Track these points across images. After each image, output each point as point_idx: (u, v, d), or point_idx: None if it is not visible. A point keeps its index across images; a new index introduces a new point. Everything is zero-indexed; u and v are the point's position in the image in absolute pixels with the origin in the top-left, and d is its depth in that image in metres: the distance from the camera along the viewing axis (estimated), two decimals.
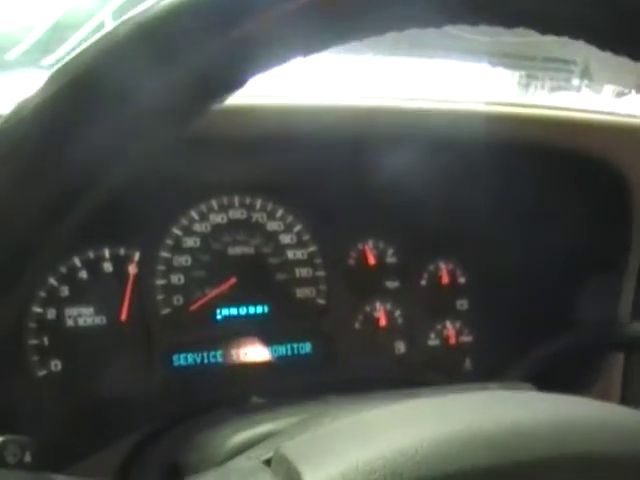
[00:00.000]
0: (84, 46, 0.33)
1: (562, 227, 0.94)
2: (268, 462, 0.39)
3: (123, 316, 0.85)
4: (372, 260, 0.96)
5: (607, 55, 0.40)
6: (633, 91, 1.25)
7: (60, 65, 0.33)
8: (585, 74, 1.37)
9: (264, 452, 0.41)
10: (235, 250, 0.91)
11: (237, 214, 0.91)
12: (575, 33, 0.38)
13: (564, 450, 0.37)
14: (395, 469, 0.34)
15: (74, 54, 0.33)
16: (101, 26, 1.06)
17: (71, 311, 0.84)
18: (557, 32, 0.39)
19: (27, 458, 0.42)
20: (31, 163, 0.31)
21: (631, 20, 0.38)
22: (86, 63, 0.32)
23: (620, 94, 1.27)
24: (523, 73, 1.30)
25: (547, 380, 0.84)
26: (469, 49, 1.24)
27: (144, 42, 0.32)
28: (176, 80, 0.33)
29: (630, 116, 0.95)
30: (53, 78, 0.33)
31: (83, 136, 0.32)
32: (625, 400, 0.93)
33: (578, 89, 1.35)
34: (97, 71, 0.32)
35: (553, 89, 1.32)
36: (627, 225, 0.92)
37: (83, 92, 0.32)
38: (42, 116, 0.32)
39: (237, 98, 0.36)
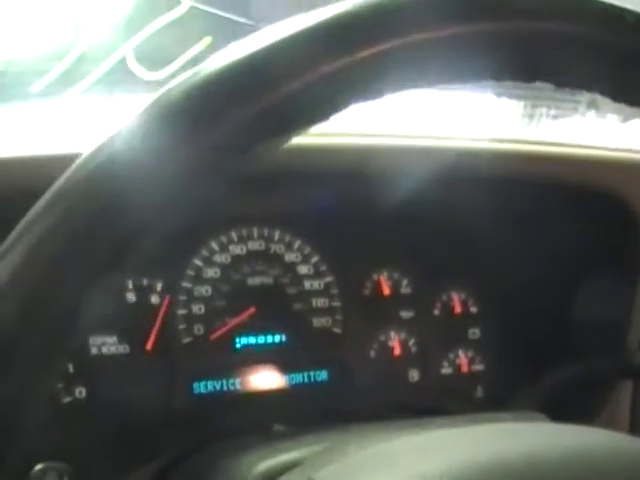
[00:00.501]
0: (174, 82, 0.35)
1: (572, 259, 0.96)
2: None
3: (149, 346, 0.87)
4: (387, 290, 0.98)
5: None
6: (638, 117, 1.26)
7: (148, 104, 0.34)
8: (592, 105, 1.39)
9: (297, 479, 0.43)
10: (254, 280, 0.93)
11: (256, 245, 0.93)
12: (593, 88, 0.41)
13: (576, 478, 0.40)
14: None
15: (164, 90, 0.34)
16: (123, 60, 1.09)
17: (95, 339, 0.86)
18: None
19: None
20: (109, 205, 0.33)
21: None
22: (174, 102, 0.34)
23: (625, 119, 1.28)
24: (528, 103, 1.32)
25: (557, 408, 0.86)
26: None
27: (226, 85, 0.34)
28: (247, 121, 0.34)
29: (631, 150, 0.97)
30: (142, 115, 0.35)
31: (158, 179, 0.33)
32: (633, 427, 0.94)
33: (583, 116, 1.37)
34: (180, 110, 0.34)
35: (557, 117, 1.33)
36: (635, 254, 0.94)
37: (160, 134, 0.34)
38: (121, 157, 0.33)
39: None
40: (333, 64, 0.35)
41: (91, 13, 1.14)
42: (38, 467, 0.43)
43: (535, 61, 0.38)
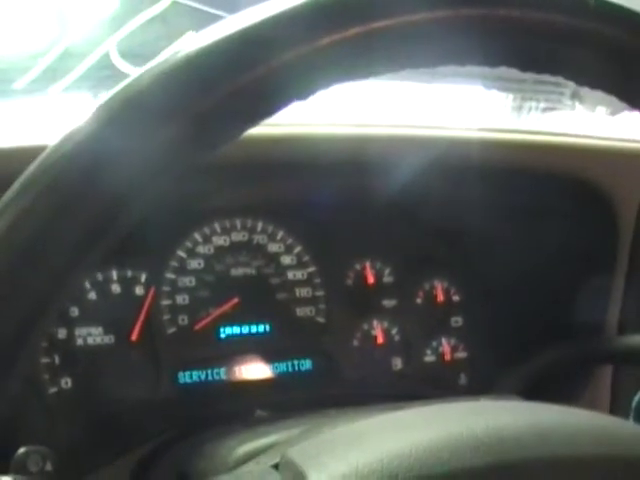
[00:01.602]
0: (127, 80, 0.35)
1: (553, 246, 0.97)
2: (276, 467, 0.43)
3: (134, 336, 0.88)
4: (370, 280, 0.99)
5: None
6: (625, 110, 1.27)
7: (104, 99, 0.35)
8: (575, 96, 1.40)
9: (272, 458, 0.44)
10: (237, 271, 0.94)
11: (239, 236, 0.94)
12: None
13: (545, 452, 0.41)
14: (391, 470, 0.38)
15: (117, 88, 0.35)
16: (106, 56, 1.09)
17: (81, 331, 0.87)
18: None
19: (48, 467, 0.45)
20: (73, 194, 0.34)
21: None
22: (131, 91, 0.35)
23: (614, 112, 1.29)
24: (517, 95, 1.33)
25: (537, 393, 0.88)
26: (464, 72, 1.27)
27: (181, 74, 0.35)
28: (207, 110, 0.35)
29: (617, 139, 0.98)
30: (99, 110, 0.36)
31: (126, 161, 0.34)
32: (613, 411, 0.96)
33: (572, 109, 1.38)
34: (137, 101, 0.35)
35: (547, 110, 1.34)
36: (614, 243, 0.95)
37: (128, 117, 0.35)
38: (87, 147, 0.34)
39: None
40: (319, 42, 0.35)
41: (74, 9, 1.14)
42: (21, 450, 0.43)
43: (530, 50, 0.39)
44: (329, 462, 0.39)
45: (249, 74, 0.35)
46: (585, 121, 1.31)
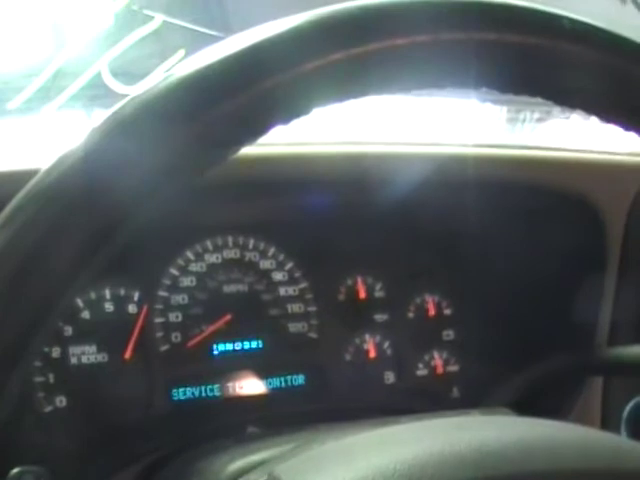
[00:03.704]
0: (124, 100, 0.36)
1: (543, 260, 0.98)
2: None
3: (127, 354, 0.89)
4: (361, 295, 1.00)
5: None
6: None
7: (101, 121, 0.36)
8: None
9: (260, 475, 0.45)
10: (230, 288, 0.94)
11: (231, 254, 0.95)
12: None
13: (529, 467, 0.41)
14: None
15: (116, 107, 0.36)
16: (98, 75, 1.10)
17: (75, 349, 0.88)
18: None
19: None
20: (75, 209, 0.34)
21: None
22: (130, 114, 0.35)
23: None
24: (511, 107, 1.33)
25: (529, 405, 0.88)
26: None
27: (174, 97, 0.35)
28: (200, 132, 0.35)
29: (604, 152, 0.99)
30: (95, 131, 0.36)
31: (123, 179, 0.35)
32: (604, 422, 0.96)
33: (566, 118, 1.38)
34: (137, 120, 0.35)
35: (541, 120, 1.34)
36: (603, 255, 0.96)
37: (122, 142, 0.35)
38: (89, 160, 0.35)
39: None
40: (317, 61, 0.36)
41: (67, 29, 1.15)
42: (15, 470, 0.44)
43: (507, 72, 0.40)
44: (315, 479, 0.40)
45: (243, 95, 0.36)
46: (579, 130, 1.32)
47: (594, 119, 0.43)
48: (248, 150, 0.82)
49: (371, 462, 0.41)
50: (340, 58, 0.37)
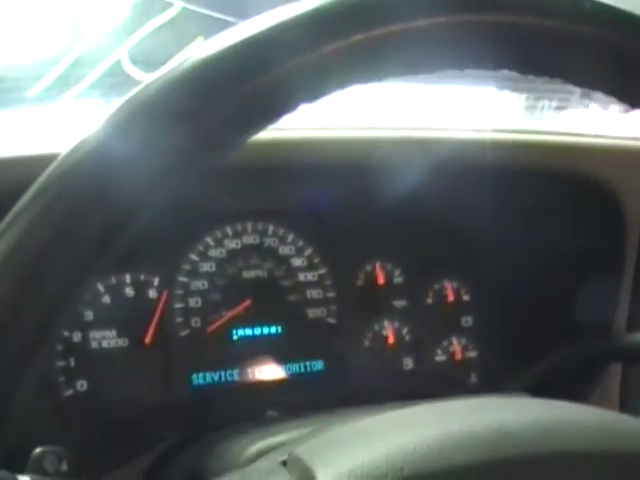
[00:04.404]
0: (137, 88, 0.36)
1: (561, 245, 0.98)
2: (284, 463, 0.44)
3: (147, 339, 0.90)
4: (380, 280, 1.00)
5: None
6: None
7: (114, 108, 0.36)
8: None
9: (280, 455, 0.45)
10: (249, 274, 0.95)
11: (250, 239, 0.96)
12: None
13: (547, 447, 0.41)
14: (396, 465, 0.39)
15: (126, 97, 0.36)
16: (117, 63, 1.10)
17: (95, 334, 0.89)
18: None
19: (64, 467, 0.46)
20: (84, 202, 0.35)
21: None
22: (138, 102, 0.36)
23: (627, 110, 1.29)
24: (530, 95, 1.33)
25: (547, 392, 0.88)
26: (476, 73, 1.27)
27: (189, 81, 0.36)
28: (218, 115, 0.36)
29: (623, 138, 0.99)
30: (109, 119, 0.36)
31: (135, 174, 0.35)
32: (623, 409, 0.96)
33: (585, 107, 1.37)
34: (146, 109, 0.35)
35: (559, 109, 1.34)
36: (622, 241, 0.96)
37: (139, 126, 0.35)
38: (102, 150, 0.35)
39: None
40: (328, 46, 0.36)
41: (86, 17, 1.16)
42: (37, 450, 0.44)
43: (528, 54, 0.40)
44: (336, 459, 0.40)
45: (256, 79, 0.36)
46: (597, 119, 1.31)
47: (613, 108, 0.43)
48: (268, 135, 0.83)
49: (390, 442, 0.41)
50: (361, 40, 0.37)
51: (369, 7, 0.37)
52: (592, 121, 1.28)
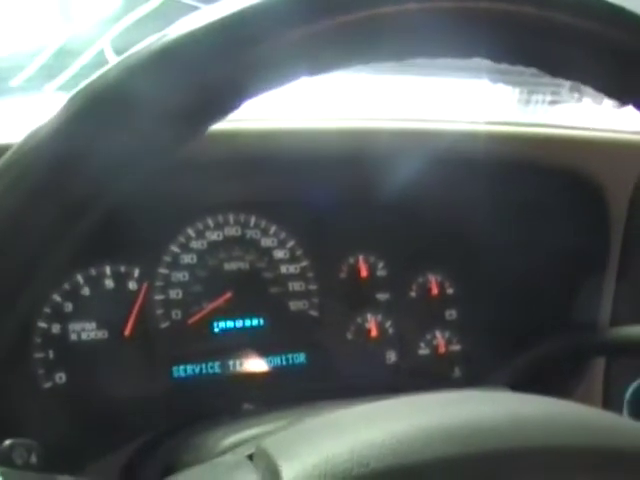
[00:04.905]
0: (99, 71, 0.36)
1: (546, 239, 0.97)
2: (251, 457, 0.43)
3: (127, 331, 0.89)
4: (363, 273, 0.99)
5: None
6: None
7: (75, 91, 0.36)
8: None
9: (249, 449, 0.44)
10: (231, 266, 0.94)
11: (232, 231, 0.95)
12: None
13: (520, 443, 0.41)
14: (362, 459, 0.38)
15: (93, 77, 0.36)
16: (101, 53, 1.10)
17: (75, 326, 0.88)
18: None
19: (33, 460, 0.45)
20: (45, 182, 0.34)
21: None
22: (103, 83, 0.35)
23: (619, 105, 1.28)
24: (523, 89, 1.32)
25: (531, 386, 0.88)
26: (469, 66, 1.27)
27: (154, 64, 0.35)
28: (181, 99, 0.35)
29: (610, 131, 0.98)
30: (69, 102, 0.36)
31: (95, 154, 0.34)
32: (606, 402, 0.96)
33: (578, 101, 1.37)
34: (112, 89, 0.35)
35: (553, 103, 1.33)
36: (606, 235, 0.95)
37: (98, 110, 0.35)
38: (59, 135, 0.35)
39: (229, 122, 0.39)
40: (313, 26, 0.36)
41: (69, 7, 1.15)
42: (6, 443, 0.44)
43: (526, 46, 0.40)
44: (301, 452, 0.40)
45: (226, 63, 0.36)
46: (590, 114, 1.31)
47: (606, 102, 0.43)
48: (250, 126, 0.82)
49: (359, 436, 0.40)
50: (345, 21, 0.36)
51: None
52: (584, 115, 1.27)
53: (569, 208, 0.96)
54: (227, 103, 0.37)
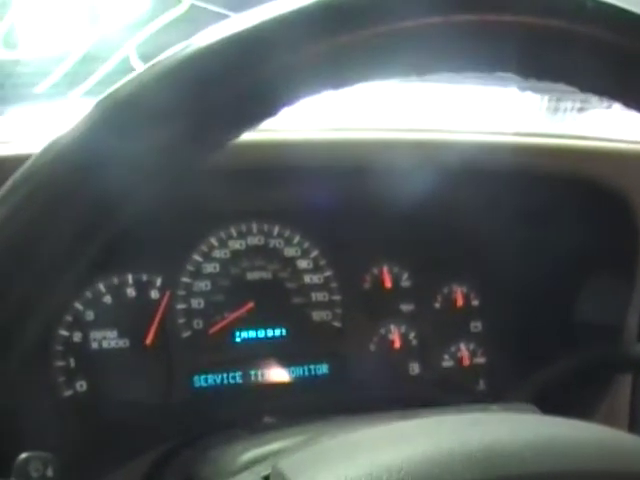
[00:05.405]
0: (123, 80, 0.35)
1: (572, 249, 0.96)
2: (267, 478, 0.42)
3: (148, 340, 0.89)
4: (387, 284, 0.98)
5: None
6: None
7: (99, 99, 0.35)
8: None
9: (265, 469, 0.44)
10: (253, 275, 0.94)
11: (255, 240, 0.94)
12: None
13: (541, 467, 0.40)
14: None
15: (112, 88, 0.35)
16: (126, 60, 1.10)
17: (96, 334, 0.88)
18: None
19: (49, 473, 0.45)
20: (67, 192, 0.33)
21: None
22: (126, 92, 0.35)
23: None
24: (552, 96, 1.31)
25: (555, 402, 0.87)
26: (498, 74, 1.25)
27: (179, 74, 0.35)
28: (206, 111, 0.35)
29: (636, 142, 0.97)
30: (92, 111, 0.35)
31: (117, 164, 0.34)
32: (633, 421, 0.94)
33: (608, 108, 1.36)
34: (136, 99, 0.34)
35: (582, 110, 1.32)
36: (633, 246, 0.94)
37: (122, 119, 0.34)
38: (81, 145, 0.34)
39: (255, 132, 0.38)
40: (332, 40, 0.35)
41: (94, 14, 1.15)
42: (22, 456, 0.43)
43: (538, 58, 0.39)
44: (317, 475, 0.39)
45: (248, 75, 0.35)
46: (620, 121, 1.29)
47: None
48: (275, 136, 0.81)
49: (377, 459, 0.39)
50: (364, 37, 0.36)
51: (368, 5, 0.36)
52: (613, 122, 1.26)
53: (596, 220, 0.95)
54: (252, 116, 0.36)
